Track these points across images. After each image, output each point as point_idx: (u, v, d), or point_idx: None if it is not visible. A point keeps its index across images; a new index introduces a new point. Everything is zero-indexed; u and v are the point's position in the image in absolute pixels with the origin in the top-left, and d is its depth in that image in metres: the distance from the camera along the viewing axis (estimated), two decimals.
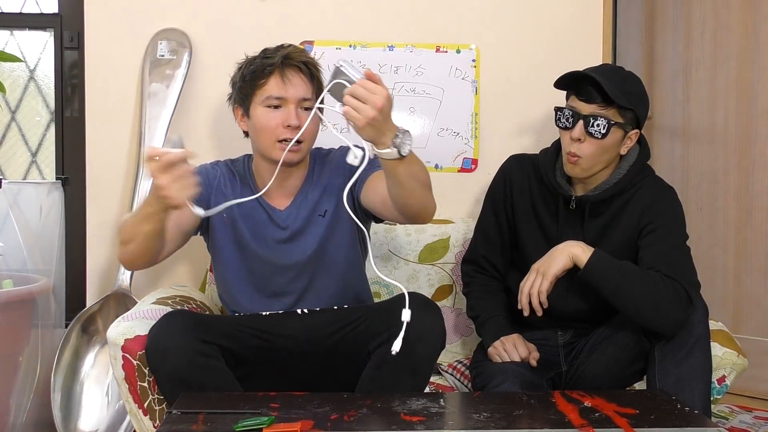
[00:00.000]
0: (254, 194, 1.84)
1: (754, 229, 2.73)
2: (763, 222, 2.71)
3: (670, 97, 2.86)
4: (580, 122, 1.83)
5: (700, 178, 2.83)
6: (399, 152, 1.54)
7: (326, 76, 1.80)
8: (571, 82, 1.88)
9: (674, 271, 1.76)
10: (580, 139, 1.83)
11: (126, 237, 1.73)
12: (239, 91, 1.88)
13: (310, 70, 1.85)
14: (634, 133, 1.88)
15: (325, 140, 1.97)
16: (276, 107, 1.83)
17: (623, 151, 1.89)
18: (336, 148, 2.00)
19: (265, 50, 1.88)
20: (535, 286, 1.82)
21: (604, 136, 1.82)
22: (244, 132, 1.93)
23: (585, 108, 1.83)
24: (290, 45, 1.89)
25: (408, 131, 1.56)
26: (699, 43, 2.81)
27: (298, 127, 1.79)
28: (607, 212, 1.92)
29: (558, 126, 1.89)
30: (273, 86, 1.82)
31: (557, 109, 1.89)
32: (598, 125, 1.81)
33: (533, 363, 1.86)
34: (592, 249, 1.80)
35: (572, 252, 1.80)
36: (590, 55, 2.53)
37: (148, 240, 1.70)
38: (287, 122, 1.81)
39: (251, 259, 1.90)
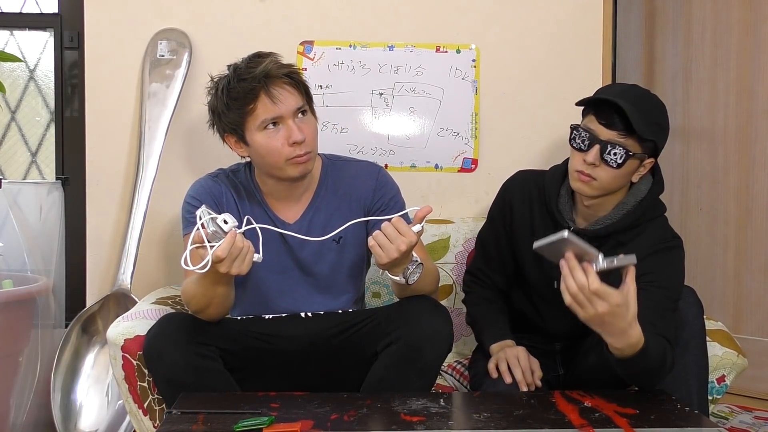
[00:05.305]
0: (261, 206, 1.85)
1: (754, 229, 2.73)
2: (763, 222, 2.71)
3: (670, 97, 2.86)
4: (597, 147, 1.71)
5: (700, 178, 2.83)
6: (407, 282, 1.68)
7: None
8: (593, 101, 1.76)
9: (663, 329, 1.67)
10: (594, 164, 1.72)
11: (200, 305, 1.70)
12: (227, 120, 1.78)
13: (293, 78, 1.77)
14: (648, 162, 1.79)
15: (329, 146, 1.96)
16: (274, 125, 1.75)
17: (635, 179, 1.80)
18: (352, 159, 1.98)
19: (236, 70, 1.76)
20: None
21: (619, 165, 1.72)
22: (242, 157, 1.86)
23: (604, 133, 1.71)
24: (266, 57, 1.78)
25: (421, 263, 1.70)
26: (699, 43, 2.80)
27: (304, 141, 1.75)
28: (604, 249, 1.76)
29: (572, 146, 1.78)
30: (264, 109, 1.73)
31: (573, 128, 1.78)
32: (615, 154, 1.71)
33: (538, 383, 1.79)
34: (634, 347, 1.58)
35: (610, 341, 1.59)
36: (590, 55, 2.53)
37: (225, 297, 1.71)
38: (292, 139, 1.74)
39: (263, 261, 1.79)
